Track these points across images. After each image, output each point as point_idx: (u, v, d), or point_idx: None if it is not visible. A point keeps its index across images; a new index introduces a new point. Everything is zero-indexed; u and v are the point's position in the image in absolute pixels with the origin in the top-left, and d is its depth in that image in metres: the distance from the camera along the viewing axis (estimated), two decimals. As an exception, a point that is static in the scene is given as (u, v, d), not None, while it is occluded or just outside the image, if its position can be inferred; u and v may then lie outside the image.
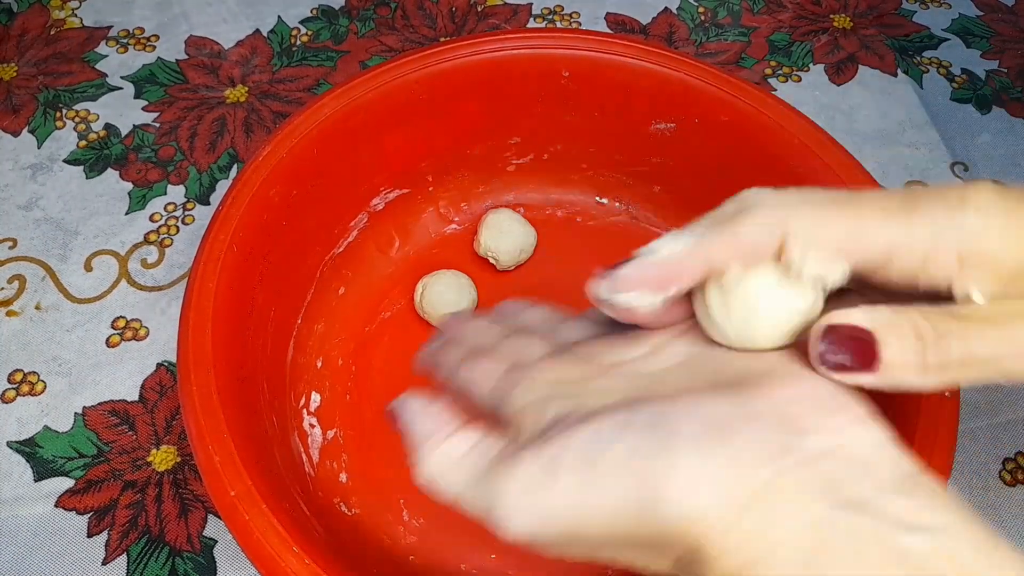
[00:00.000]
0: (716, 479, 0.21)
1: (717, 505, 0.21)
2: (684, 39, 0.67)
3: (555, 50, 0.49)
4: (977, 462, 0.47)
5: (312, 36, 0.66)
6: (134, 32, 0.66)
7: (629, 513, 0.22)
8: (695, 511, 0.21)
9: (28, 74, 0.63)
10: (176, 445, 0.47)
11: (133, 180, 0.57)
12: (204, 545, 0.44)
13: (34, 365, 0.49)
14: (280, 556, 0.32)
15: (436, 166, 0.52)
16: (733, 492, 0.21)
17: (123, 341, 0.50)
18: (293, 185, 0.44)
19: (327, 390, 0.47)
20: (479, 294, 0.50)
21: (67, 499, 0.45)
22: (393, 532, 0.43)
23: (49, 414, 0.48)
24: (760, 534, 0.20)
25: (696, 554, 0.21)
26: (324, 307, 0.49)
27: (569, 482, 0.23)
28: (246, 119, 0.61)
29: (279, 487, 0.36)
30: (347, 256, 0.50)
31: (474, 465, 0.25)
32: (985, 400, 0.49)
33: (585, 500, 0.22)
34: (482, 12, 0.68)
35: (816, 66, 0.66)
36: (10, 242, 0.54)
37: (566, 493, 0.23)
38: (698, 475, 0.21)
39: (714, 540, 0.21)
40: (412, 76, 0.48)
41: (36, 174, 0.57)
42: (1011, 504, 0.46)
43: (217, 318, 0.38)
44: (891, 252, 0.23)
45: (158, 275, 0.53)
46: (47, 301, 0.52)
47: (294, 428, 0.45)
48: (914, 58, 0.66)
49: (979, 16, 0.69)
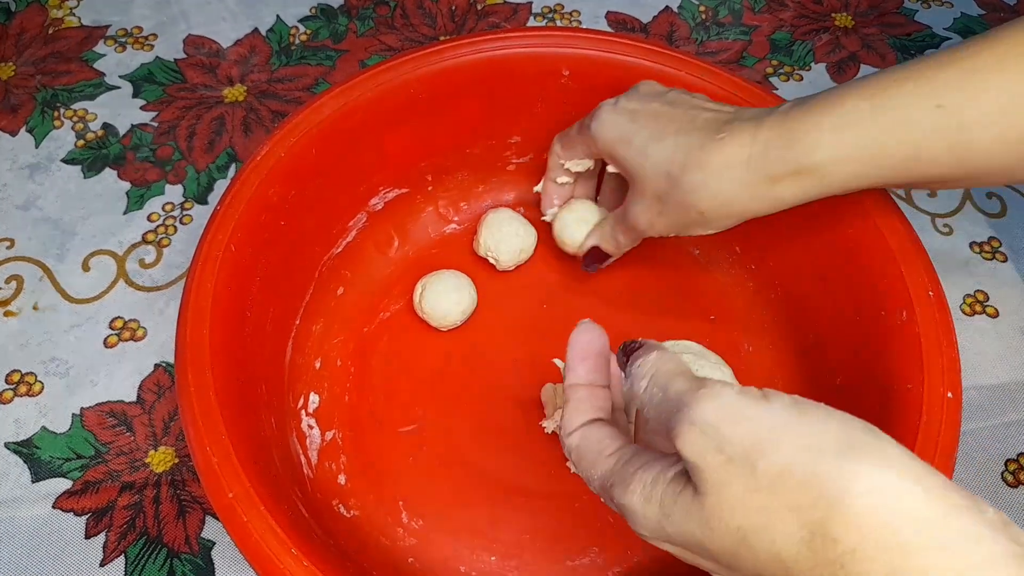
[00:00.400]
0: (918, 483, 0.23)
1: (921, 504, 0.22)
2: (685, 38, 0.67)
3: (555, 49, 0.49)
4: (979, 463, 0.47)
5: (311, 35, 0.66)
6: (132, 31, 0.65)
7: (825, 451, 0.24)
8: (898, 496, 0.23)
9: (26, 73, 0.62)
10: (174, 446, 0.47)
11: (131, 180, 0.57)
12: (202, 547, 0.44)
13: (32, 366, 0.49)
14: (278, 558, 0.32)
15: (435, 166, 0.52)
16: (933, 502, 0.23)
17: (121, 341, 0.50)
18: (291, 185, 0.44)
19: (326, 391, 0.47)
20: (479, 294, 0.50)
21: (65, 500, 0.45)
22: (392, 534, 0.43)
23: (47, 415, 0.48)
24: (964, 544, 0.22)
25: (883, 539, 0.22)
26: (323, 307, 0.49)
27: (783, 405, 0.25)
28: (244, 118, 0.60)
29: (277, 488, 0.36)
30: (346, 256, 0.50)
31: (673, 368, 0.29)
32: (987, 401, 0.49)
33: (789, 421, 0.25)
34: (482, 11, 0.68)
35: (817, 65, 0.65)
36: (8, 242, 0.54)
37: (779, 409, 0.25)
38: (903, 468, 0.23)
39: (917, 534, 0.22)
40: (412, 75, 0.47)
41: (34, 174, 0.57)
42: (1014, 505, 0.46)
43: (215, 319, 0.38)
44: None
45: (156, 275, 0.53)
46: (45, 301, 0.52)
47: (292, 429, 0.44)
48: (916, 57, 0.66)
49: (981, 15, 0.69)
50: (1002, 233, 0.57)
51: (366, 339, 0.49)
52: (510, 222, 0.51)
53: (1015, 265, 0.55)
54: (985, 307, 0.53)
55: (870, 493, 0.22)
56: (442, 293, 0.48)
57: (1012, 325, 0.52)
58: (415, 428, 0.46)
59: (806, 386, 0.46)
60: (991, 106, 0.35)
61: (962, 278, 0.54)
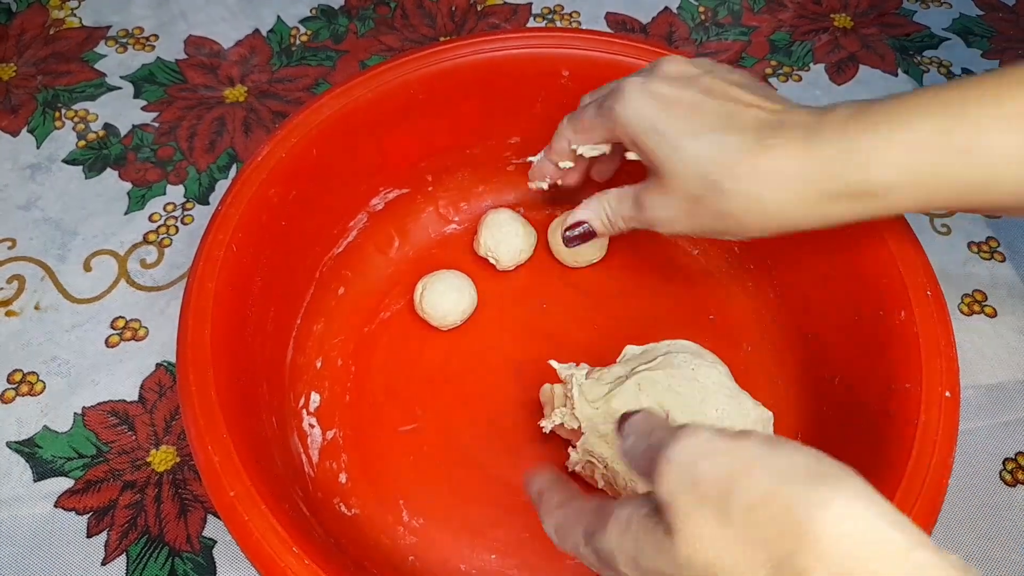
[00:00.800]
0: (884, 516, 0.23)
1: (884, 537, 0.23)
2: (684, 38, 0.67)
3: (555, 49, 0.49)
4: (977, 462, 0.47)
5: (311, 36, 0.66)
6: (133, 32, 0.66)
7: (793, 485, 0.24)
8: (864, 529, 0.23)
9: (27, 74, 0.63)
10: (175, 445, 0.47)
11: (132, 180, 0.57)
12: (203, 545, 0.44)
13: (33, 365, 0.49)
14: (279, 556, 0.32)
15: (436, 166, 0.52)
16: (899, 533, 0.23)
17: (122, 341, 0.50)
18: (292, 185, 0.44)
19: (326, 390, 0.47)
20: (479, 294, 0.50)
21: (66, 499, 0.45)
22: (393, 532, 0.43)
23: (48, 414, 0.48)
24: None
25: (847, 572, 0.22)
26: (323, 307, 0.49)
27: (755, 442, 0.25)
28: (245, 119, 0.61)
29: (278, 487, 0.36)
30: (346, 256, 0.50)
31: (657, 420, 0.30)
32: (985, 401, 0.49)
33: (762, 455, 0.25)
34: (482, 11, 0.68)
35: (817, 65, 0.66)
36: (9, 242, 0.54)
37: (751, 445, 0.25)
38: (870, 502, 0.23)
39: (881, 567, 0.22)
40: (412, 76, 0.48)
41: (35, 174, 0.57)
42: (1011, 504, 0.46)
43: (216, 318, 0.38)
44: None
45: (157, 275, 0.53)
46: (46, 301, 0.52)
47: (293, 428, 0.45)
48: (915, 57, 0.66)
49: (980, 15, 0.69)
50: (1000, 233, 0.57)
51: (367, 339, 0.49)
52: (510, 222, 0.51)
53: (1013, 265, 0.55)
54: (983, 307, 0.53)
55: (838, 522, 0.23)
56: (442, 293, 0.48)
57: (1010, 325, 0.53)
58: (415, 427, 0.46)
59: (804, 385, 0.46)
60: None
61: (960, 278, 0.55)
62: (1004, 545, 0.44)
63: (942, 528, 0.34)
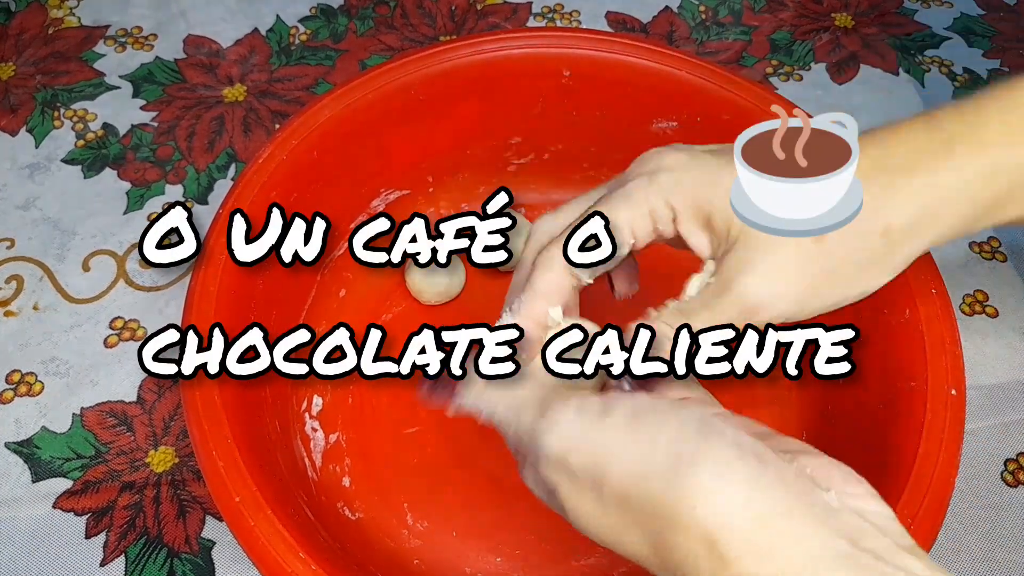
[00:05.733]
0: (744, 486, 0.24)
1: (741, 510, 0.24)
2: (685, 38, 0.67)
3: (556, 49, 0.49)
4: (979, 463, 0.47)
5: (311, 35, 0.66)
6: (132, 31, 0.65)
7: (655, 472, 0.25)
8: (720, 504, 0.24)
9: (26, 73, 0.62)
10: (174, 446, 0.47)
11: (131, 180, 0.57)
12: (202, 547, 0.44)
13: (32, 366, 0.49)
14: (286, 562, 0.32)
15: (436, 167, 0.52)
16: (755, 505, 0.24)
17: (121, 341, 0.50)
18: (293, 188, 0.44)
19: (329, 393, 0.47)
20: (479, 294, 0.50)
21: (65, 500, 0.45)
22: (397, 536, 0.43)
23: (47, 415, 0.47)
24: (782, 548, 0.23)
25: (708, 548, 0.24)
26: (325, 309, 0.49)
27: (618, 422, 0.27)
28: (244, 118, 0.60)
29: (283, 492, 0.36)
30: (347, 258, 0.50)
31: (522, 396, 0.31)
32: (987, 401, 0.49)
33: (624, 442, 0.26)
34: (482, 11, 0.68)
35: (817, 65, 0.66)
36: (7, 242, 0.54)
37: (613, 428, 0.27)
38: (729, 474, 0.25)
39: (732, 541, 0.24)
40: (412, 77, 0.47)
41: (34, 174, 0.57)
42: (1012, 505, 0.46)
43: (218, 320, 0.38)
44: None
45: (156, 275, 0.53)
46: (45, 301, 0.51)
47: (296, 432, 0.44)
48: (916, 57, 0.66)
49: (981, 15, 0.69)
50: (1001, 233, 0.57)
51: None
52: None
53: (1014, 265, 0.55)
54: (984, 307, 0.53)
55: (699, 507, 0.24)
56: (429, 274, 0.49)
57: (1011, 325, 0.53)
58: (418, 430, 0.46)
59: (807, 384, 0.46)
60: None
61: (961, 278, 0.55)
62: (1006, 546, 0.44)
63: (943, 529, 0.34)
